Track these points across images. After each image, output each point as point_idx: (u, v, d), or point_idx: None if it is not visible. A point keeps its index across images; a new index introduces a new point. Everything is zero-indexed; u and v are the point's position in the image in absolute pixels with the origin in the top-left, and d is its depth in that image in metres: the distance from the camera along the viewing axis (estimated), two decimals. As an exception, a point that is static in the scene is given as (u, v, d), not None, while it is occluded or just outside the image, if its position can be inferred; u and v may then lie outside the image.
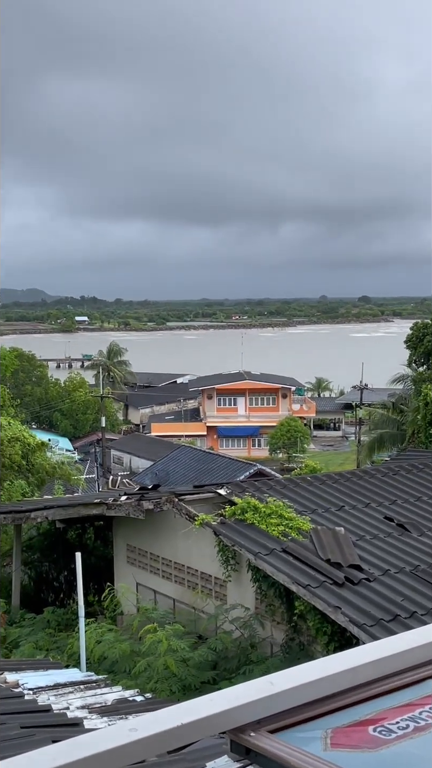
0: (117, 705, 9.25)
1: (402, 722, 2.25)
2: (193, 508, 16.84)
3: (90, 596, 19.43)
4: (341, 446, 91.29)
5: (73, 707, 8.76)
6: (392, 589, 13.68)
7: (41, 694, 9.25)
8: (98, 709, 8.85)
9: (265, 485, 18.11)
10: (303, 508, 16.76)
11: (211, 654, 14.54)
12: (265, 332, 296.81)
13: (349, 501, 17.49)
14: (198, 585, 17.74)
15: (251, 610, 15.79)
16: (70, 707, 8.70)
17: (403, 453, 34.62)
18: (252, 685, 2.26)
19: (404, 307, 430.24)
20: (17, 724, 6.72)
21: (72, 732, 7.05)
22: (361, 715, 2.30)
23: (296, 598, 14.13)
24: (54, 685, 9.80)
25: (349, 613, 12.81)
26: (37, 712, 8.00)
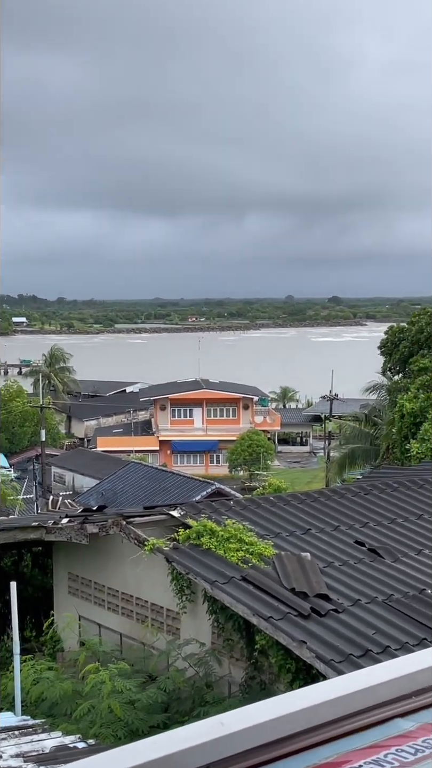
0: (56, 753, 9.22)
1: (365, 766, 2.27)
2: (142, 531, 16.81)
3: (26, 631, 19.30)
4: (309, 463, 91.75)
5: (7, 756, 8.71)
6: (363, 621, 13.77)
7: (-30, 741, 9.18)
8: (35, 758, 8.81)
9: (223, 506, 18.14)
10: (265, 532, 16.81)
11: (162, 695, 14.52)
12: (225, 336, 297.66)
13: (316, 524, 17.58)
14: (148, 618, 17.70)
15: (207, 646, 15.79)
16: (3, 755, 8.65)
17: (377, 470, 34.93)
18: (201, 725, 2.27)
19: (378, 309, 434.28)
20: None
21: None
22: (321, 758, 2.32)
23: (257, 631, 14.16)
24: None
25: (315, 647, 12.87)
26: (-35, 762, 7.94)
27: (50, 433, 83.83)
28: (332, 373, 77.49)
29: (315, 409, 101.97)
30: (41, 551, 22.63)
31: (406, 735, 2.44)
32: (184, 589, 16.11)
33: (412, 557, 16.52)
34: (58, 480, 73.37)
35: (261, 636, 14.04)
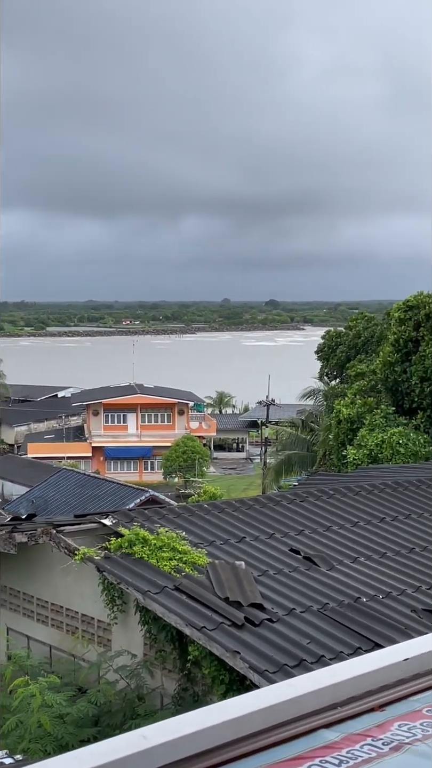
0: (-19, 769, 9.12)
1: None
2: (73, 540, 16.72)
3: None
4: (245, 469, 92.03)
5: None
6: (298, 631, 13.85)
7: None
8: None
9: (156, 514, 18.12)
10: (199, 540, 16.83)
11: (92, 708, 14.45)
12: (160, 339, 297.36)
13: (250, 531, 17.64)
14: (78, 629, 17.61)
15: (139, 657, 15.76)
16: None
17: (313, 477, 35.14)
18: (122, 739, 2.28)
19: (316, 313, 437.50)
20: None
21: None
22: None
23: (190, 642, 14.17)
24: None
25: (249, 658, 12.91)
26: None
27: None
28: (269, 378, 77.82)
29: (251, 414, 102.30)
30: (-32, 561, 22.37)
31: (331, 746, 2.49)
32: (115, 600, 16.06)
33: (347, 565, 16.66)
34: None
35: (194, 647, 14.05)
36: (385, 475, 24.27)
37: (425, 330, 35.28)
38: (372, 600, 15.13)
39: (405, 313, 36.55)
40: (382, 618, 14.38)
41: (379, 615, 14.48)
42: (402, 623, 14.24)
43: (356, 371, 45.00)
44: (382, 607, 14.89)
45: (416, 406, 35.46)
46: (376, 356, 42.40)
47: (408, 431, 33.79)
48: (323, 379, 57.14)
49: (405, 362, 35.79)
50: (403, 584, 15.90)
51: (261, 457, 73.32)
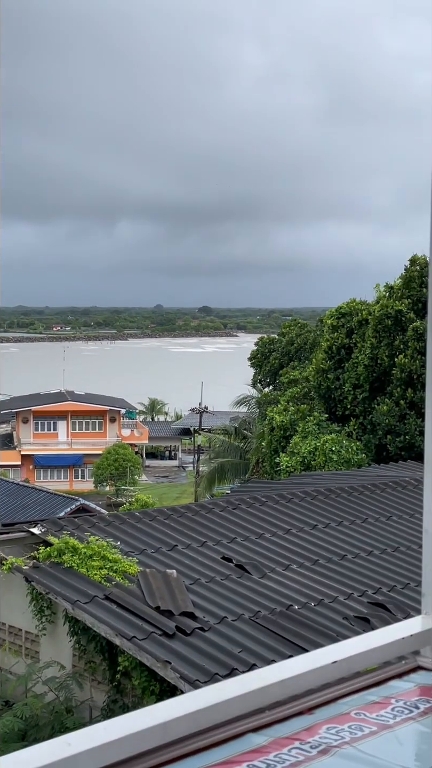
0: None
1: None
2: (1, 550, 16.55)
3: None
4: (178, 477, 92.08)
5: None
6: (229, 639, 13.87)
7: None
8: None
9: (86, 522, 18.01)
10: (130, 549, 16.77)
11: (18, 722, 14.31)
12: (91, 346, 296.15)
13: (182, 539, 17.63)
14: (5, 641, 17.42)
15: (68, 669, 15.66)
16: None
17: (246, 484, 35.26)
18: (45, 746, 2.26)
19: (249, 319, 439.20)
20: None
21: None
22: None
23: (120, 652, 14.12)
24: None
25: (179, 668, 12.90)
26: None
27: None
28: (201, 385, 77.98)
29: (184, 422, 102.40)
30: None
31: (259, 750, 2.49)
32: (44, 610, 15.94)
33: (279, 572, 16.73)
34: None
35: (124, 657, 14.00)
36: (317, 483, 24.44)
37: (357, 337, 35.63)
38: (303, 607, 15.22)
39: (338, 320, 36.87)
40: (314, 625, 14.47)
41: (310, 622, 14.57)
42: (334, 630, 14.34)
43: (289, 378, 45.30)
44: (314, 615, 14.98)
45: (349, 413, 35.76)
46: (309, 363, 42.71)
47: (341, 438, 34.05)
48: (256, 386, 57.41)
49: (338, 369, 36.09)
50: (335, 591, 16.02)
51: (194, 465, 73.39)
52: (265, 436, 39.33)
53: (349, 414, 35.79)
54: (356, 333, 35.79)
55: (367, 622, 14.87)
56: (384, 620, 14.96)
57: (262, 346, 57.14)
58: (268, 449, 38.28)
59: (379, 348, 34.32)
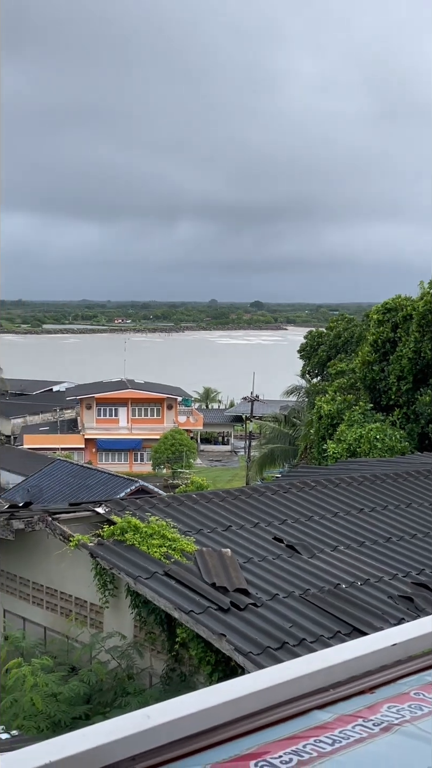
0: (-21, 745, 9.09)
1: (285, 756, 2.30)
2: (68, 527, 16.68)
3: None
4: (230, 461, 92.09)
5: None
6: (280, 615, 13.86)
7: None
8: (-42, 750, 8.67)
9: (147, 503, 18.09)
10: (187, 528, 16.82)
11: (84, 687, 14.42)
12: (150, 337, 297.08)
13: (236, 521, 17.64)
14: (72, 612, 17.57)
15: (129, 639, 15.74)
16: None
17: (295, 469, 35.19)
18: (127, 718, 2.27)
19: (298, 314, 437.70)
20: None
21: None
22: (242, 749, 2.34)
23: (178, 625, 14.16)
24: None
25: (234, 640, 12.92)
26: None
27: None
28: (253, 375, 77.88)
29: (237, 409, 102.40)
30: (-33, 546, 22.30)
31: (324, 726, 2.48)
32: (107, 584, 16.04)
33: (327, 553, 16.68)
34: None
35: (182, 629, 14.04)
36: (363, 469, 24.31)
37: (402, 331, 35.33)
38: (350, 586, 15.16)
39: (383, 315, 36.59)
40: (360, 603, 14.40)
41: (357, 601, 14.50)
42: (379, 609, 14.26)
43: (336, 369, 45.06)
44: (360, 593, 14.91)
45: (393, 403, 35.50)
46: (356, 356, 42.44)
47: (385, 427, 33.83)
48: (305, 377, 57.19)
49: (383, 362, 35.83)
50: (380, 572, 15.92)
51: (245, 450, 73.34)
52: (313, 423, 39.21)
53: (393, 404, 35.54)
54: (401, 327, 35.50)
55: (411, 601, 14.77)
56: (427, 600, 14.87)
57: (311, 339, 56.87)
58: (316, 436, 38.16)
59: (423, 342, 34.00)
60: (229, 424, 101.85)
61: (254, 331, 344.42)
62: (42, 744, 2.12)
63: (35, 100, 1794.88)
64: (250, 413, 76.18)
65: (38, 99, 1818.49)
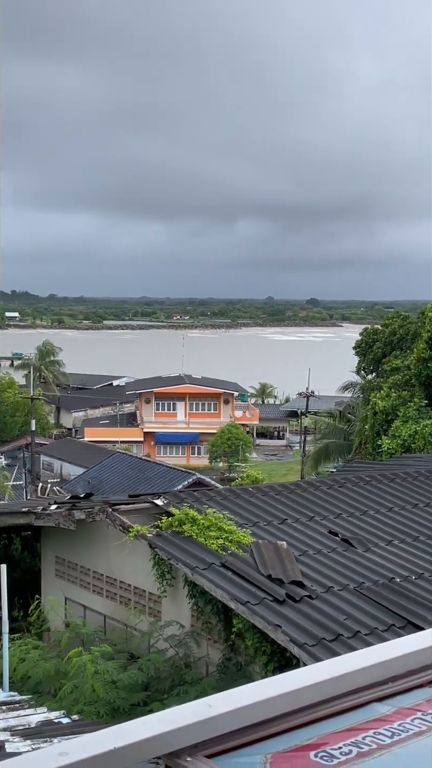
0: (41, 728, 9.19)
1: (344, 747, 2.28)
2: (127, 518, 16.78)
3: (14, 611, 19.24)
4: (285, 456, 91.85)
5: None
6: (335, 608, 13.80)
7: (-40, 715, 9.14)
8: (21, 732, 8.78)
9: (204, 496, 18.13)
10: (244, 521, 16.82)
11: (142, 675, 14.49)
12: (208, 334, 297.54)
13: (292, 514, 17.60)
14: (131, 601, 17.68)
15: (187, 628, 15.79)
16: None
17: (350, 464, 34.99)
18: (189, 707, 2.27)
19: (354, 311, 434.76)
20: None
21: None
22: (302, 740, 2.33)
23: (235, 615, 14.17)
24: (-26, 707, 9.70)
25: (289, 631, 12.89)
26: None
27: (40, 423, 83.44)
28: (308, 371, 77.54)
29: (292, 405, 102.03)
30: (30, 536, 22.56)
31: (383, 719, 2.45)
32: (165, 574, 16.10)
33: (382, 547, 16.56)
34: (46, 468, 73.08)
35: (238, 620, 14.05)
36: (418, 464, 24.07)
37: (458, 328, 34.93)
38: (404, 580, 15.03)
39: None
40: (415, 597, 14.28)
41: (412, 594, 14.38)
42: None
43: (391, 366, 44.68)
44: (414, 587, 14.79)
45: (448, 399, 35.13)
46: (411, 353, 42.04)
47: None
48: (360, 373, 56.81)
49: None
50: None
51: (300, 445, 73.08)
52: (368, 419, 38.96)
53: (448, 401, 35.16)
54: (456, 325, 35.10)
55: (465, 596, 14.61)
56: None
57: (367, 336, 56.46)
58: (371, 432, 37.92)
59: None
60: (285, 419, 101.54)
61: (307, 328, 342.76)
62: (107, 730, 2.13)
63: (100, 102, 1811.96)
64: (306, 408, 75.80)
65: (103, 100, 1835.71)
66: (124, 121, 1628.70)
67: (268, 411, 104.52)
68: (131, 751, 2.06)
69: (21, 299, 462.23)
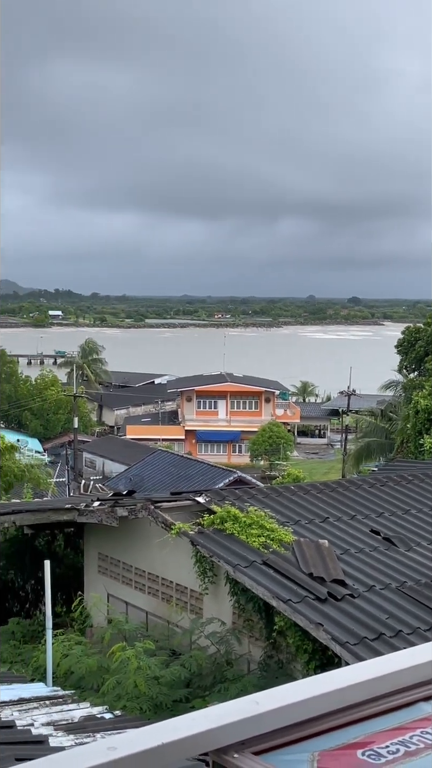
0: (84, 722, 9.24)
1: (392, 746, 2.26)
2: (169, 516, 16.84)
3: (58, 607, 19.38)
4: (326, 454, 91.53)
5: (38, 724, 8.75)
6: (377, 607, 13.73)
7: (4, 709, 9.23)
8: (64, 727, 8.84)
9: (246, 494, 18.13)
10: (285, 519, 16.80)
11: (184, 671, 14.52)
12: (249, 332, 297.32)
13: (333, 512, 17.54)
14: (173, 597, 17.73)
15: (228, 625, 15.80)
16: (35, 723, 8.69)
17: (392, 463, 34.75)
18: (236, 704, 2.27)
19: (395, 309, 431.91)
20: (-21, 740, 6.70)
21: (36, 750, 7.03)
22: (350, 738, 2.32)
23: (276, 613, 14.16)
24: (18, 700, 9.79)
25: (331, 630, 12.85)
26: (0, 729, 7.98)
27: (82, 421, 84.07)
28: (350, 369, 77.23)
29: (333, 403, 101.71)
30: (73, 532, 22.71)
31: (430, 718, 2.43)
32: (207, 571, 16.12)
33: (425, 546, 16.45)
34: (89, 465, 73.56)
35: (280, 617, 14.04)
36: (460, 463, 23.85)
37: None
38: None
39: None
40: (458, 597, 14.17)
41: (454, 594, 14.27)
42: None
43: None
44: (458, 587, 14.66)
45: None
46: (453, 351, 41.64)
47: None
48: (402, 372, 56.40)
49: None
50: None
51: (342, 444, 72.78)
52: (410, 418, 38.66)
53: None
54: None
55: None
56: None
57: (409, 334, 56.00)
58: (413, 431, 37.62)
59: None
60: (326, 418, 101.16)
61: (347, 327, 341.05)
62: (155, 725, 2.13)
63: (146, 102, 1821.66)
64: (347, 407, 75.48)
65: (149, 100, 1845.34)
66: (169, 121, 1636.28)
67: (309, 409, 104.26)
68: (179, 747, 2.06)
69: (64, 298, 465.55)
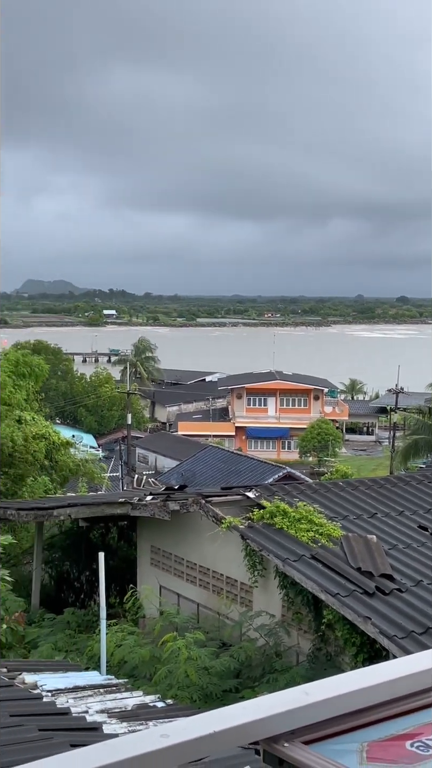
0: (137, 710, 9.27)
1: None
2: (220, 510, 16.84)
3: (111, 598, 19.51)
4: (374, 451, 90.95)
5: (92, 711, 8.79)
6: (425, 601, 13.60)
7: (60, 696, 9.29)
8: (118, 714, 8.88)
9: (295, 489, 18.08)
10: (334, 514, 16.72)
11: (234, 662, 14.52)
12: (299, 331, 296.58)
13: (381, 508, 17.41)
14: (223, 590, 17.74)
15: (277, 618, 15.77)
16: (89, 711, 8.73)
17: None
18: (286, 694, 2.25)
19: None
20: (35, 726, 6.75)
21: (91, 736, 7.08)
22: (399, 730, 2.29)
23: (325, 606, 14.09)
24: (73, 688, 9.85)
25: (379, 624, 12.76)
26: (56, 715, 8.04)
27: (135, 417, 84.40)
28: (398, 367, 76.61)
29: (381, 401, 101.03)
30: (126, 525, 22.86)
31: None
32: (256, 565, 16.10)
33: (472, 543, 16.25)
34: (142, 460, 73.95)
35: (328, 611, 13.97)
36: None
37: None
38: None
39: None
40: None
41: None
42: None
43: None
44: None
45: None
46: None
47: None
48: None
49: None
50: None
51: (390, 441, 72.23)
52: (458, 416, 38.26)
53: None
54: None
55: None
56: None
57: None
58: (461, 428, 37.22)
59: None
60: (374, 415, 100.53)
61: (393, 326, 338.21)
62: (206, 714, 2.12)
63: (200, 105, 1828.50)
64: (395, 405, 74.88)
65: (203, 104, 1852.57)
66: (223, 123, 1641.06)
67: (358, 407, 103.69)
68: (230, 736, 2.05)
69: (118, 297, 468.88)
